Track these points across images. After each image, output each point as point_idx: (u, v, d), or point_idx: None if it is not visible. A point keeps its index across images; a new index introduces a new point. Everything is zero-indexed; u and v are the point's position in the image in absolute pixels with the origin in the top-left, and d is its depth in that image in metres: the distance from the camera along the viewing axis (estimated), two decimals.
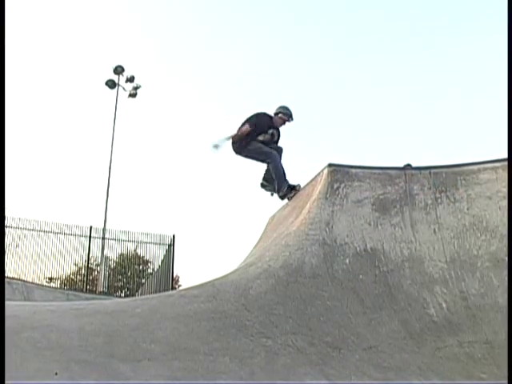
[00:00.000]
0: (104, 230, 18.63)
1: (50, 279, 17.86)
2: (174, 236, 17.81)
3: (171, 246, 17.68)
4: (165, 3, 44.84)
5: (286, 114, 6.83)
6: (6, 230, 16.03)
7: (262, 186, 7.00)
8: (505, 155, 5.12)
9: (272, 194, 6.87)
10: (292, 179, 6.72)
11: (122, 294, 18.67)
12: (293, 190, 6.61)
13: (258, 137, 6.69)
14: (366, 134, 43.95)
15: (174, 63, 44.99)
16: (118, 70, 23.40)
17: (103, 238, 17.99)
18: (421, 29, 43.25)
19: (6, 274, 13.84)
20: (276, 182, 6.68)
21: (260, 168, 6.93)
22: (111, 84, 23.27)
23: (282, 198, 6.76)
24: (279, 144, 6.93)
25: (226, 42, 43.89)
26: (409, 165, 5.66)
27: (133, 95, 23.58)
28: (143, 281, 19.56)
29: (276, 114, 6.86)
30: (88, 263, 18.01)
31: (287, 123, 6.89)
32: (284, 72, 42.90)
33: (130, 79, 23.50)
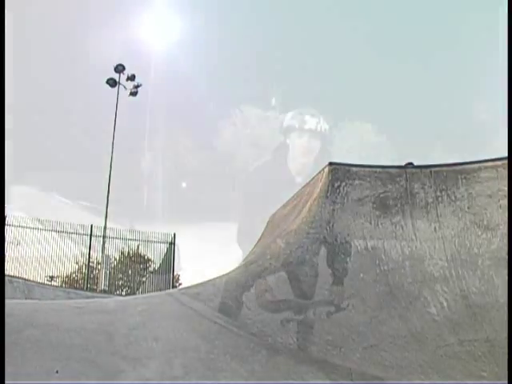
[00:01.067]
0: (105, 228, 18.64)
1: (51, 278, 17.86)
2: (174, 234, 17.83)
3: (172, 244, 17.70)
4: (165, 2, 44.76)
5: None
6: (7, 228, 16.03)
7: None
8: (505, 154, 5.11)
9: None
10: None
11: (123, 293, 18.66)
12: None
13: None
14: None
15: (174, 62, 44.92)
16: (119, 69, 23.40)
17: (104, 237, 18.00)
18: (420, 29, 43.20)
19: (6, 273, 13.84)
20: None
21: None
22: (112, 82, 23.26)
23: None
24: None
25: (226, 40, 43.82)
26: (410, 163, 5.65)
27: (133, 94, 23.58)
28: (144, 279, 19.56)
29: None
30: (89, 262, 18.02)
31: None
32: (286, 68, 42.83)
33: (131, 78, 23.50)
